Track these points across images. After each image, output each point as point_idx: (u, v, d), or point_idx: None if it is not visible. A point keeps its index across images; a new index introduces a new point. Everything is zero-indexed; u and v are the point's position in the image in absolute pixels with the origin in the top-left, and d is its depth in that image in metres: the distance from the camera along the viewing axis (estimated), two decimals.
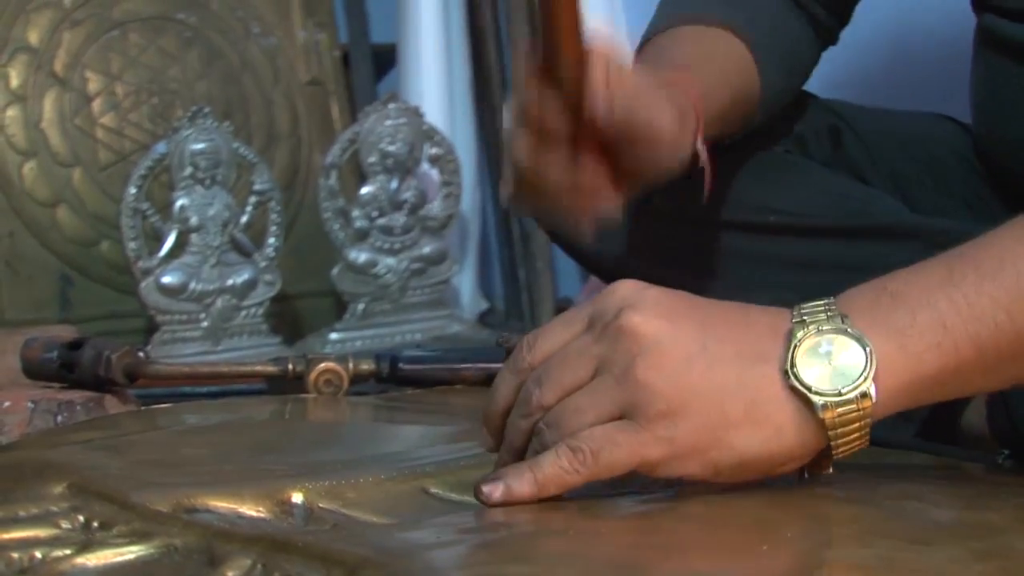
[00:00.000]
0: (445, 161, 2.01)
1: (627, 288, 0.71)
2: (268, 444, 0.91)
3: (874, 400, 0.67)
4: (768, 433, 0.68)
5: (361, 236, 1.95)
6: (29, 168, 1.91)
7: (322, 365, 1.16)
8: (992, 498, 0.73)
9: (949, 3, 1.16)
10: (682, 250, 1.17)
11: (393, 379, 1.21)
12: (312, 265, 2.03)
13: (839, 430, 0.68)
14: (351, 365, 1.17)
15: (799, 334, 0.68)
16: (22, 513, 0.71)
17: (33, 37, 1.94)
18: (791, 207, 1.14)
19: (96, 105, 1.96)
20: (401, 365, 1.20)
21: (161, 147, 1.83)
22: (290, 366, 1.17)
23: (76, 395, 1.11)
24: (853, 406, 0.67)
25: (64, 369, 1.15)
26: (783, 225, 1.13)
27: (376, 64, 2.27)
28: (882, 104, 1.25)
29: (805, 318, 0.69)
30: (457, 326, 2.01)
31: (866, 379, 0.67)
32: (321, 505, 0.74)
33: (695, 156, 0.97)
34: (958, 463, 0.86)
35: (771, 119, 1.15)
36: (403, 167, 1.97)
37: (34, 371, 1.17)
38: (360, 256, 1.95)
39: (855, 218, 1.11)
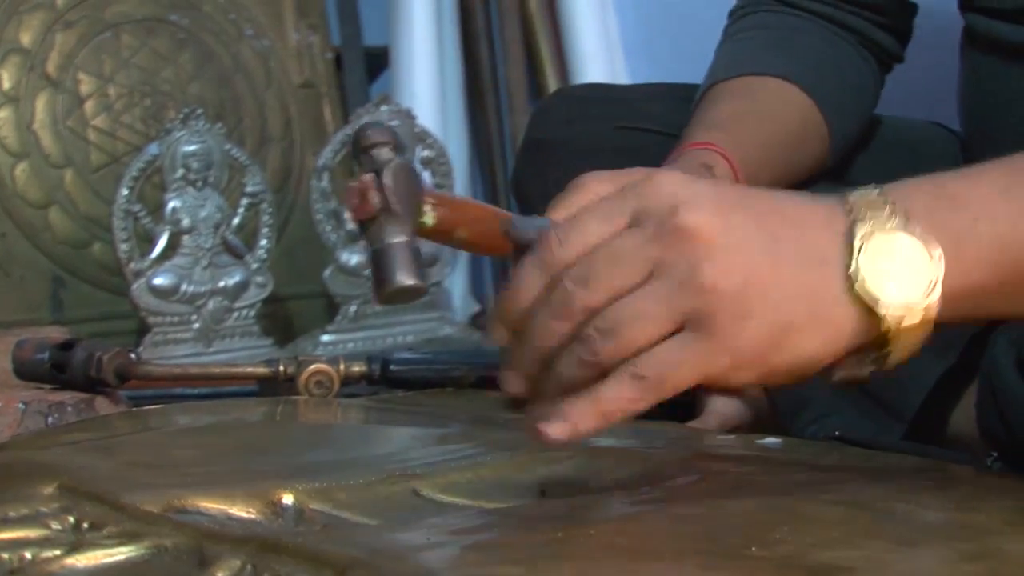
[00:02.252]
0: (437, 163, 2.01)
1: (675, 181, 0.66)
2: (259, 445, 0.91)
3: (935, 307, 0.65)
4: (828, 337, 0.65)
5: (353, 238, 1.95)
6: (21, 169, 1.91)
7: (313, 367, 1.16)
8: (981, 500, 0.74)
9: (935, 7, 1.16)
10: None
11: (384, 381, 1.21)
12: (304, 267, 2.03)
13: (900, 337, 0.65)
14: (342, 367, 1.17)
15: (860, 232, 0.65)
16: (12, 514, 0.71)
17: (25, 38, 1.94)
18: None
19: (88, 107, 1.96)
20: (392, 367, 1.20)
21: (153, 149, 1.83)
22: (281, 368, 1.17)
23: (67, 396, 1.11)
24: (917, 315, 0.65)
25: (55, 370, 1.15)
26: None
27: (368, 66, 2.28)
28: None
29: (865, 214, 0.65)
30: (448, 328, 2.01)
31: (935, 289, 0.64)
32: (311, 506, 0.74)
33: None
34: (947, 465, 0.86)
35: (845, 152, 1.15)
36: None
37: (25, 372, 1.17)
38: (352, 258, 1.95)
39: None
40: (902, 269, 0.65)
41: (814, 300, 0.65)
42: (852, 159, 1.20)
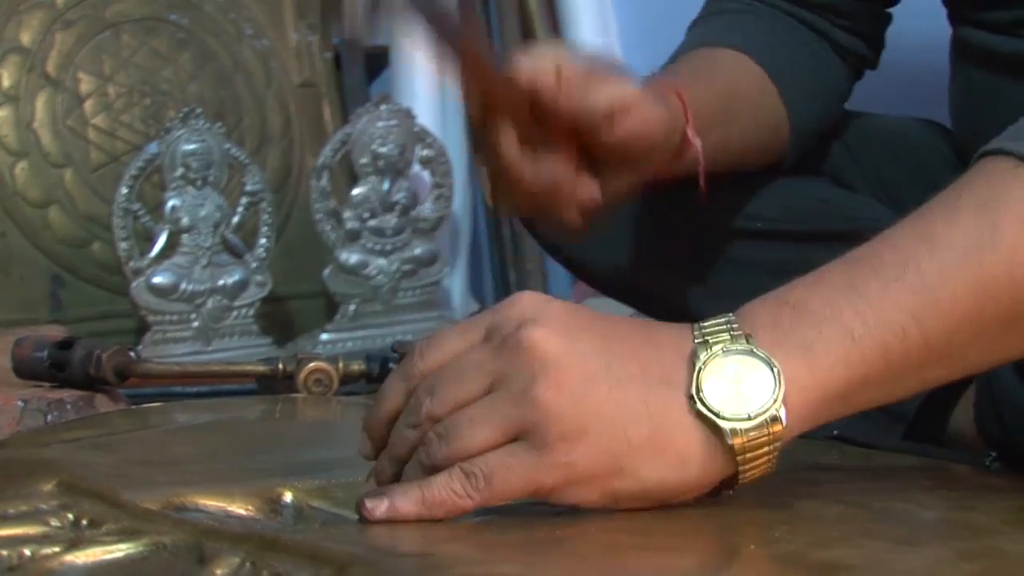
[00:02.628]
0: (436, 163, 2.01)
1: (528, 301, 0.68)
2: (258, 443, 0.91)
3: (784, 424, 0.65)
4: (672, 461, 0.65)
5: (352, 237, 1.95)
6: (21, 168, 1.91)
7: (312, 365, 1.16)
8: (979, 499, 0.74)
9: (930, 10, 1.16)
10: (670, 255, 1.17)
11: (383, 379, 1.21)
12: (303, 266, 2.03)
13: (747, 455, 0.65)
14: (341, 365, 1.17)
15: (703, 356, 0.65)
16: (11, 511, 0.71)
17: (25, 37, 1.93)
18: (777, 214, 1.14)
19: (88, 106, 1.96)
20: (391, 365, 1.21)
21: (153, 148, 1.83)
22: (280, 366, 1.17)
23: (66, 394, 1.12)
24: (763, 431, 0.64)
25: (54, 368, 1.15)
26: (769, 231, 1.13)
27: (368, 66, 2.27)
28: (865, 109, 1.25)
29: (708, 338, 0.66)
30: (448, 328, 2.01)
31: (776, 401, 0.64)
32: (310, 504, 0.74)
33: (685, 148, 0.97)
34: (946, 464, 0.86)
35: (808, 143, 1.15)
36: (394, 169, 1.97)
37: (24, 370, 1.17)
38: (351, 257, 1.95)
39: (839, 223, 1.11)
40: (744, 387, 0.64)
41: (656, 423, 0.65)
42: (829, 151, 1.20)
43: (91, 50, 1.97)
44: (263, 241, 1.89)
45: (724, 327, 0.66)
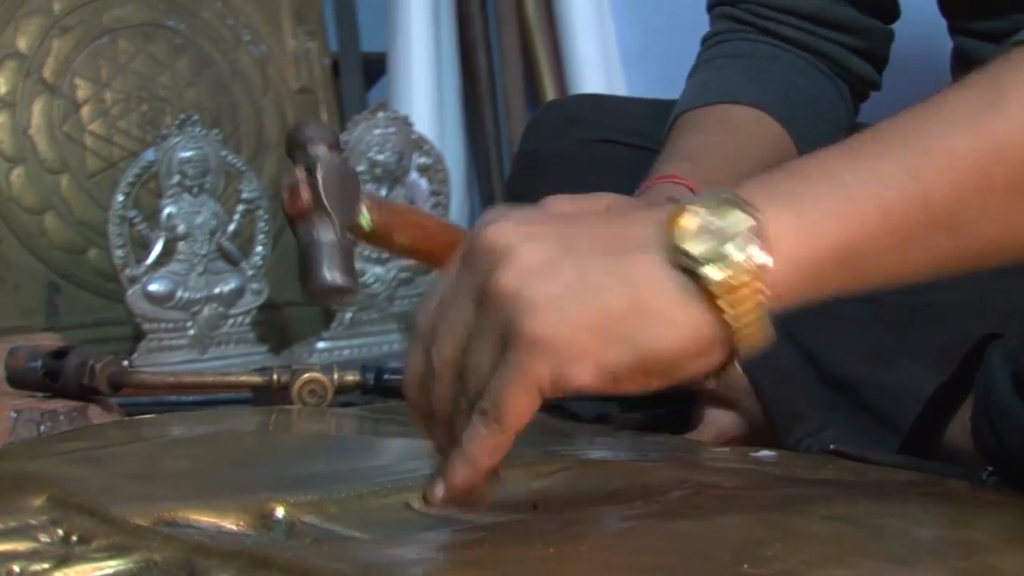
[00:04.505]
0: (434, 171, 2.01)
1: (496, 209, 0.66)
2: (251, 457, 0.90)
3: (766, 264, 0.61)
4: (657, 322, 0.61)
5: None
6: (17, 175, 1.90)
7: (306, 376, 1.16)
8: (975, 516, 0.73)
9: (932, 22, 1.16)
10: None
11: (378, 390, 1.20)
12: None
13: (736, 309, 0.61)
14: (336, 376, 1.17)
15: (679, 215, 0.62)
16: (0, 526, 0.70)
17: (22, 43, 1.93)
18: None
19: (85, 112, 1.96)
20: (386, 376, 1.20)
21: (149, 154, 1.82)
22: (274, 376, 1.16)
23: (59, 404, 1.11)
24: (745, 276, 0.61)
25: (48, 378, 1.15)
26: None
27: (366, 73, 2.27)
28: (867, 121, 1.25)
29: (684, 201, 0.63)
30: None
31: (750, 237, 0.61)
32: (302, 519, 0.73)
33: None
34: (941, 480, 0.86)
35: None
36: (392, 176, 1.97)
37: (18, 380, 1.17)
38: None
39: None
40: (720, 231, 0.61)
41: (631, 285, 0.62)
42: None
43: (88, 56, 1.97)
44: (259, 249, 1.89)
45: (708, 192, 0.64)
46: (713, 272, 0.61)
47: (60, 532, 0.70)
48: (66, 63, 1.96)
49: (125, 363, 1.16)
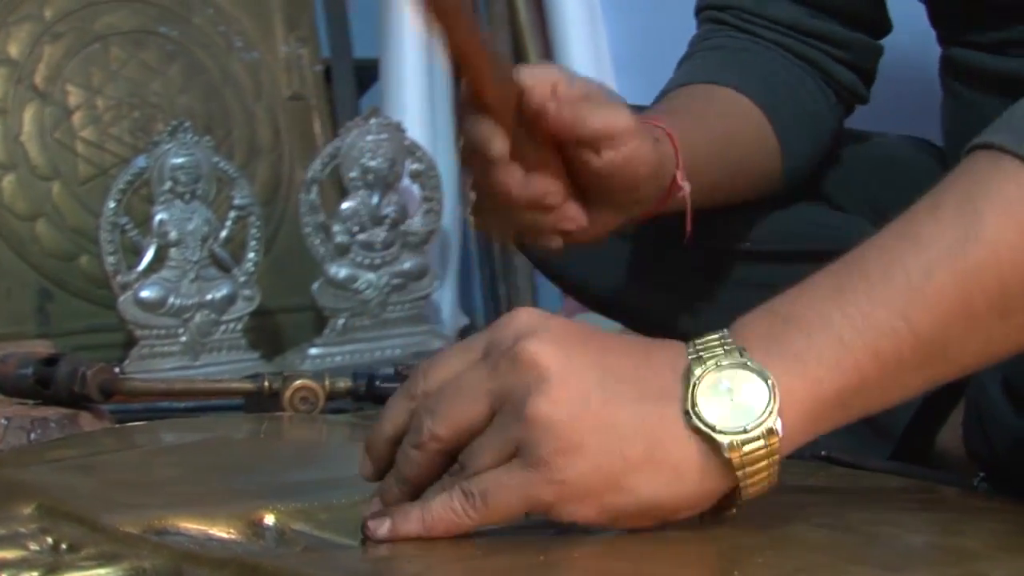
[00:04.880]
0: (426, 177, 2.01)
1: (525, 316, 0.68)
2: (241, 464, 0.90)
3: (780, 435, 0.64)
4: (669, 476, 0.65)
5: (342, 251, 1.95)
6: (8, 181, 1.90)
7: (297, 383, 1.15)
8: (967, 523, 0.73)
9: (920, 31, 1.16)
10: (660, 274, 1.17)
11: (370, 397, 1.20)
12: (292, 280, 2.03)
13: (747, 469, 0.65)
14: (327, 383, 1.16)
15: (697, 371, 0.65)
16: None
17: (13, 50, 1.93)
18: (769, 235, 1.14)
19: (76, 118, 1.96)
20: (378, 383, 1.20)
21: (141, 161, 1.82)
22: (266, 383, 1.16)
23: (50, 412, 1.11)
24: (760, 443, 0.64)
25: (39, 385, 1.14)
26: (760, 252, 1.13)
27: (358, 79, 2.27)
28: (856, 127, 1.25)
29: (701, 354, 0.66)
30: (437, 342, 2.01)
31: (771, 413, 0.64)
32: (293, 527, 0.73)
33: (674, 190, 0.97)
34: (933, 486, 0.86)
35: (800, 180, 1.14)
36: (384, 182, 1.97)
37: (9, 387, 1.16)
38: (340, 271, 1.95)
39: (831, 243, 1.10)
40: (738, 399, 0.64)
41: (652, 439, 0.64)
42: (822, 173, 1.19)
43: (80, 62, 1.97)
44: (251, 255, 1.89)
45: (718, 342, 0.66)
46: (732, 444, 0.64)
47: (50, 540, 0.70)
48: (57, 69, 1.95)
49: (116, 370, 1.16)
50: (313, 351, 1.93)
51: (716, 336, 0.66)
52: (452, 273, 2.19)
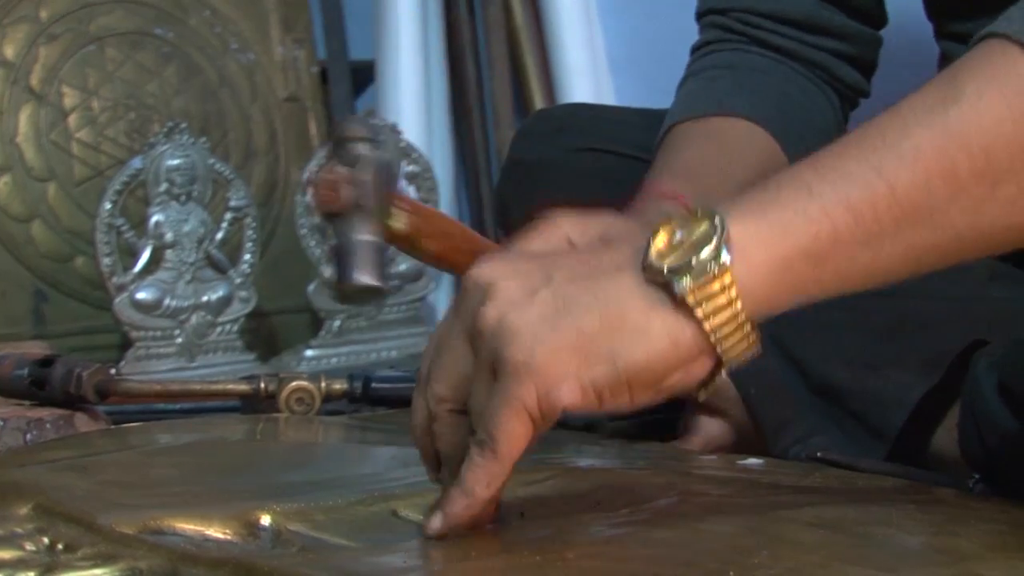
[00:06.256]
0: (422, 178, 2.01)
1: (484, 257, 0.68)
2: (237, 465, 0.90)
3: (730, 264, 0.63)
4: (633, 335, 0.63)
5: None
6: (4, 183, 1.90)
7: (293, 384, 1.15)
8: (962, 524, 0.73)
9: (918, 27, 1.17)
10: None
11: (366, 399, 1.20)
12: (288, 281, 2.03)
13: (712, 320, 0.63)
14: (323, 384, 1.16)
15: (654, 235, 0.64)
16: None
17: (9, 51, 1.93)
18: None
19: (72, 120, 1.96)
20: (374, 385, 1.20)
21: (137, 162, 1.82)
22: (262, 385, 1.16)
23: (46, 413, 1.11)
24: (711, 276, 0.62)
25: (35, 386, 1.14)
26: None
27: (354, 81, 2.27)
28: (850, 126, 1.25)
29: (659, 221, 0.65)
30: None
31: (716, 244, 0.62)
32: (289, 527, 0.73)
33: None
34: (928, 487, 0.86)
35: None
36: None
37: (4, 388, 1.16)
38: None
39: None
40: (690, 243, 0.63)
41: (604, 305, 0.64)
42: None
43: (75, 64, 1.97)
44: (247, 256, 1.89)
45: (684, 212, 0.66)
46: (684, 282, 0.63)
47: (46, 540, 0.70)
48: (53, 71, 1.95)
49: (112, 371, 1.15)
50: (309, 353, 1.93)
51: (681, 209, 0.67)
52: (448, 276, 2.19)
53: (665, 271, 0.63)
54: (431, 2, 2.15)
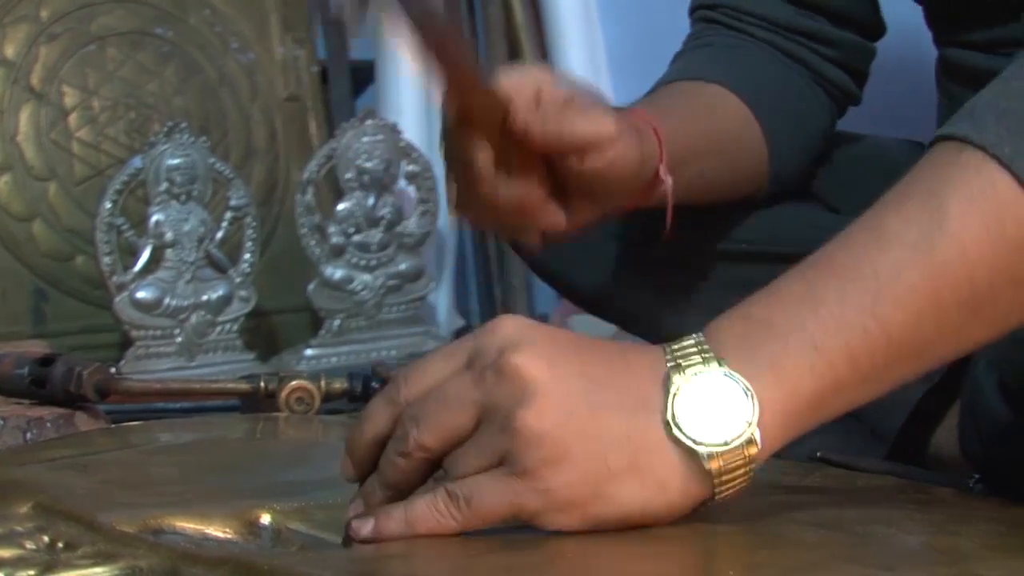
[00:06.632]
0: (422, 178, 2.01)
1: (511, 324, 0.68)
2: (237, 464, 0.90)
3: (760, 445, 0.65)
4: (652, 486, 0.65)
5: (337, 252, 1.95)
6: (4, 182, 1.90)
7: (294, 383, 1.16)
8: (961, 523, 0.73)
9: (917, 32, 1.17)
10: (653, 275, 1.17)
11: (365, 398, 1.20)
12: (288, 281, 2.03)
13: (724, 477, 0.65)
14: (323, 383, 1.16)
15: (676, 380, 0.65)
16: None
17: (9, 50, 1.93)
18: (762, 236, 1.14)
19: (72, 119, 1.96)
20: (373, 384, 1.20)
21: (137, 162, 1.82)
22: (262, 384, 1.16)
23: (46, 411, 1.11)
24: (739, 453, 0.65)
25: (35, 385, 1.14)
26: (754, 253, 1.13)
27: (354, 81, 2.27)
28: (851, 129, 1.25)
29: (680, 361, 0.66)
30: (433, 343, 2.01)
31: (751, 425, 0.65)
32: (289, 526, 0.73)
33: (657, 184, 0.97)
34: (928, 487, 0.86)
35: (788, 181, 1.15)
36: (380, 184, 1.97)
37: (4, 387, 1.16)
38: (336, 272, 1.95)
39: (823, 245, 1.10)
40: (718, 410, 0.65)
41: (635, 449, 0.65)
42: (816, 174, 1.19)
43: (76, 63, 1.97)
44: (247, 256, 1.89)
45: (695, 349, 0.66)
46: (712, 453, 0.65)
47: (46, 539, 0.70)
48: (54, 70, 1.95)
49: (112, 370, 1.15)
50: (309, 352, 1.93)
51: (692, 342, 0.67)
52: (448, 275, 2.20)
53: (696, 442, 0.65)
54: None
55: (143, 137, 1.96)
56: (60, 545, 0.69)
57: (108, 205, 1.79)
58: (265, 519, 0.74)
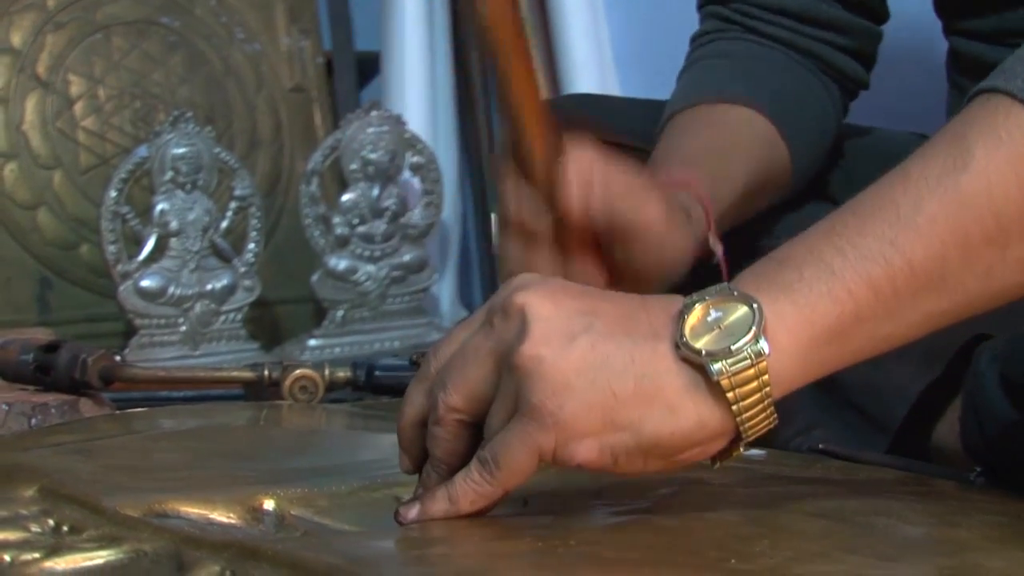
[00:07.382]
0: (427, 170, 2.01)
1: (524, 276, 0.69)
2: (241, 450, 0.91)
3: (767, 354, 0.64)
4: (662, 410, 0.65)
5: (341, 243, 1.95)
6: (10, 170, 1.91)
7: (297, 372, 1.16)
8: (962, 515, 0.73)
9: (927, 24, 1.17)
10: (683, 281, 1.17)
11: (369, 387, 1.21)
12: (292, 271, 2.03)
13: (738, 394, 0.65)
14: (327, 372, 1.17)
15: (687, 308, 0.66)
16: None
17: (16, 39, 1.93)
18: (777, 236, 1.13)
19: (78, 108, 1.96)
20: (377, 373, 1.20)
21: (142, 151, 1.83)
22: (266, 372, 1.17)
23: (50, 398, 1.11)
24: (747, 364, 0.64)
25: (40, 372, 1.15)
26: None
27: (359, 72, 2.28)
28: (860, 123, 1.25)
29: (694, 296, 0.66)
30: (436, 334, 2.01)
31: (755, 333, 0.64)
32: (292, 512, 0.74)
33: (710, 251, 0.97)
34: (929, 479, 0.86)
35: (803, 183, 1.15)
36: (384, 175, 1.97)
37: (9, 373, 1.17)
38: (340, 263, 1.95)
39: None
40: (725, 326, 0.65)
41: (641, 374, 0.65)
42: (833, 174, 1.19)
43: (82, 52, 1.97)
44: (252, 246, 1.89)
45: (713, 287, 0.67)
46: (720, 367, 0.64)
47: (51, 522, 0.70)
48: (60, 59, 1.96)
49: (117, 357, 1.16)
50: (312, 342, 1.93)
51: (713, 287, 0.67)
52: (452, 266, 2.20)
53: (703, 353, 0.64)
54: None
55: (148, 126, 1.96)
56: (65, 528, 0.70)
57: (113, 194, 1.79)
58: (269, 505, 0.74)
